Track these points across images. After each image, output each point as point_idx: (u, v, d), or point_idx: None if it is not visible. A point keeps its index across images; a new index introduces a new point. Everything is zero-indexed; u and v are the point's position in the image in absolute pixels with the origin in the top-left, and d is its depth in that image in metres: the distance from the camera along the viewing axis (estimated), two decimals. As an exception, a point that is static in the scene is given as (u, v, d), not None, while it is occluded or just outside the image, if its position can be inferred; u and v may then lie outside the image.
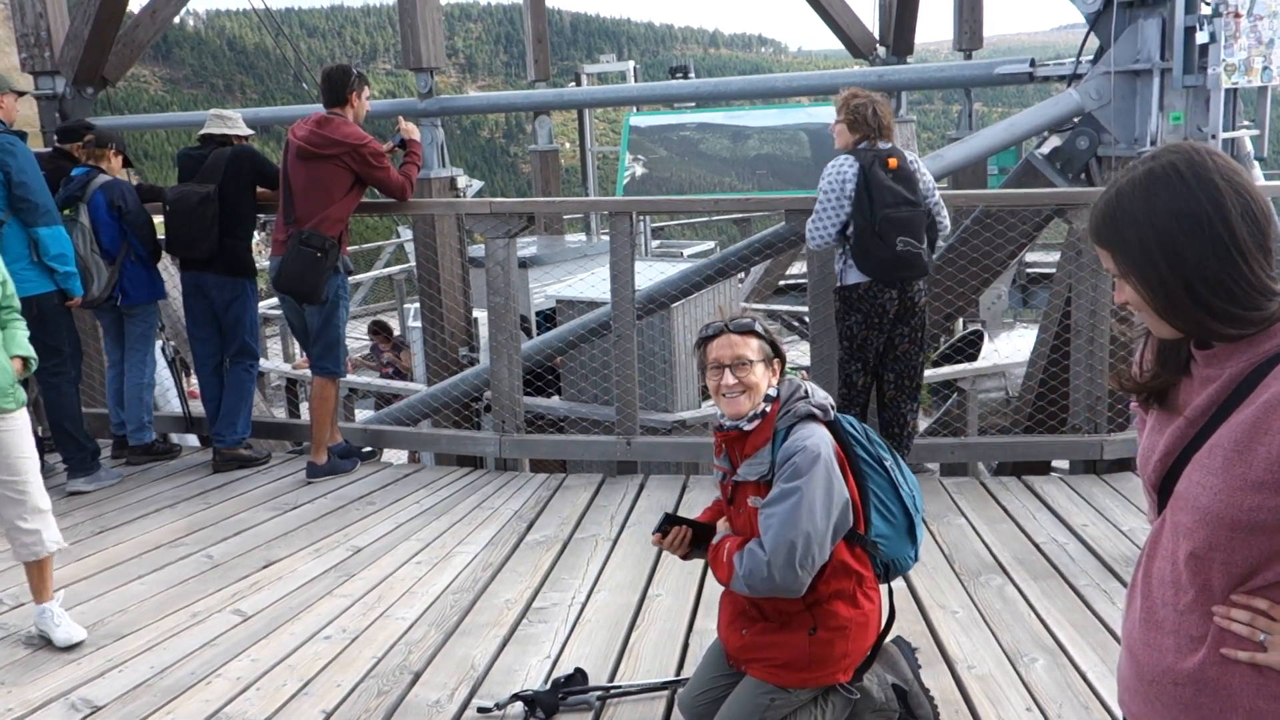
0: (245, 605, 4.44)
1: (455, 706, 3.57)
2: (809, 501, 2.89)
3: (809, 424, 3.03)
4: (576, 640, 4.05)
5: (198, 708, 3.61)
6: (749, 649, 3.14)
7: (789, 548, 2.88)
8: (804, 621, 3.04)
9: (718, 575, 3.12)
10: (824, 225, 5.17)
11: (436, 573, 4.74)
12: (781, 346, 3.17)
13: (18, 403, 4.04)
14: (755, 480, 3.04)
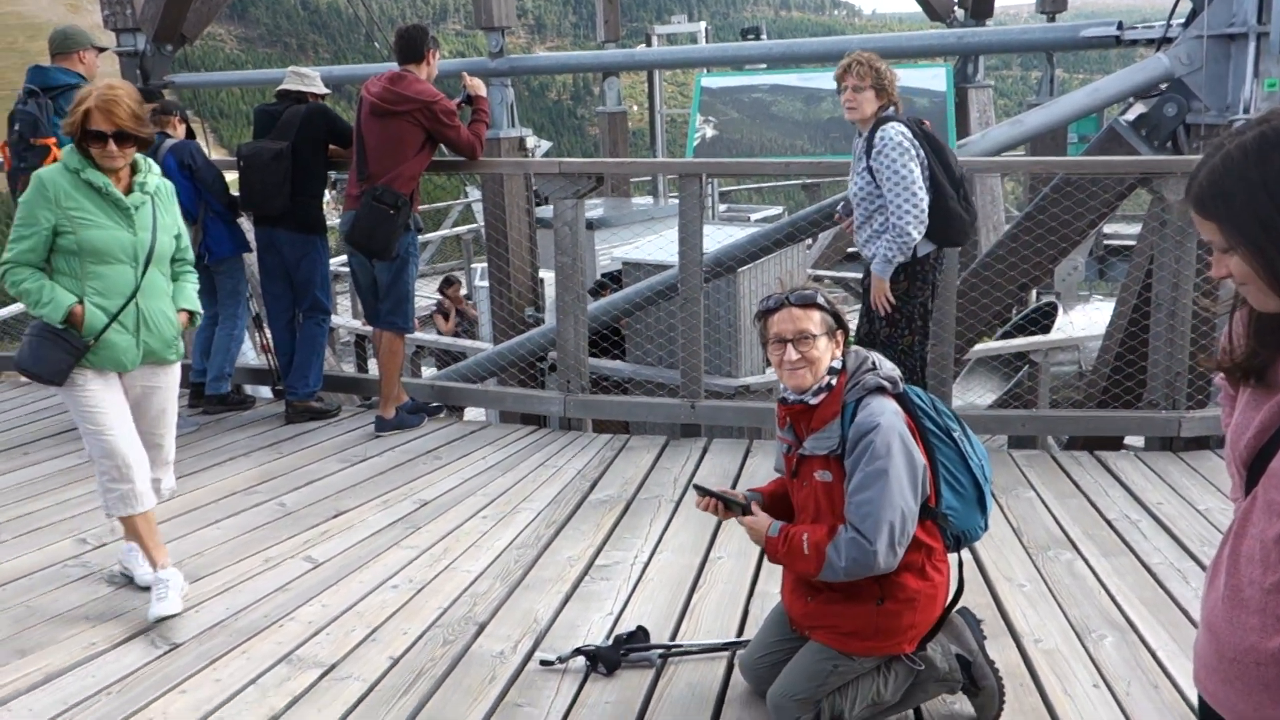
0: (316, 553, 4.53)
1: (518, 658, 3.62)
2: (897, 481, 2.88)
3: (878, 397, 3.00)
4: (638, 599, 4.07)
5: (270, 649, 3.70)
6: (814, 616, 3.14)
7: (889, 531, 2.88)
8: (871, 592, 3.03)
9: (800, 568, 3.06)
10: (922, 203, 4.71)
11: (501, 528, 4.79)
12: (844, 317, 3.13)
13: (178, 354, 4.12)
14: (824, 454, 3.02)
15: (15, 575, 4.36)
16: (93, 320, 3.84)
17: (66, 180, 3.84)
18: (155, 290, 4.00)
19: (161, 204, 4.03)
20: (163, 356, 4.05)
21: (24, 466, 5.74)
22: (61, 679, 3.53)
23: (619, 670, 3.51)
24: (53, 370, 3.85)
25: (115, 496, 3.97)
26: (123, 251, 3.88)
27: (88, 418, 3.92)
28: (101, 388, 3.93)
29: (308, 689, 3.45)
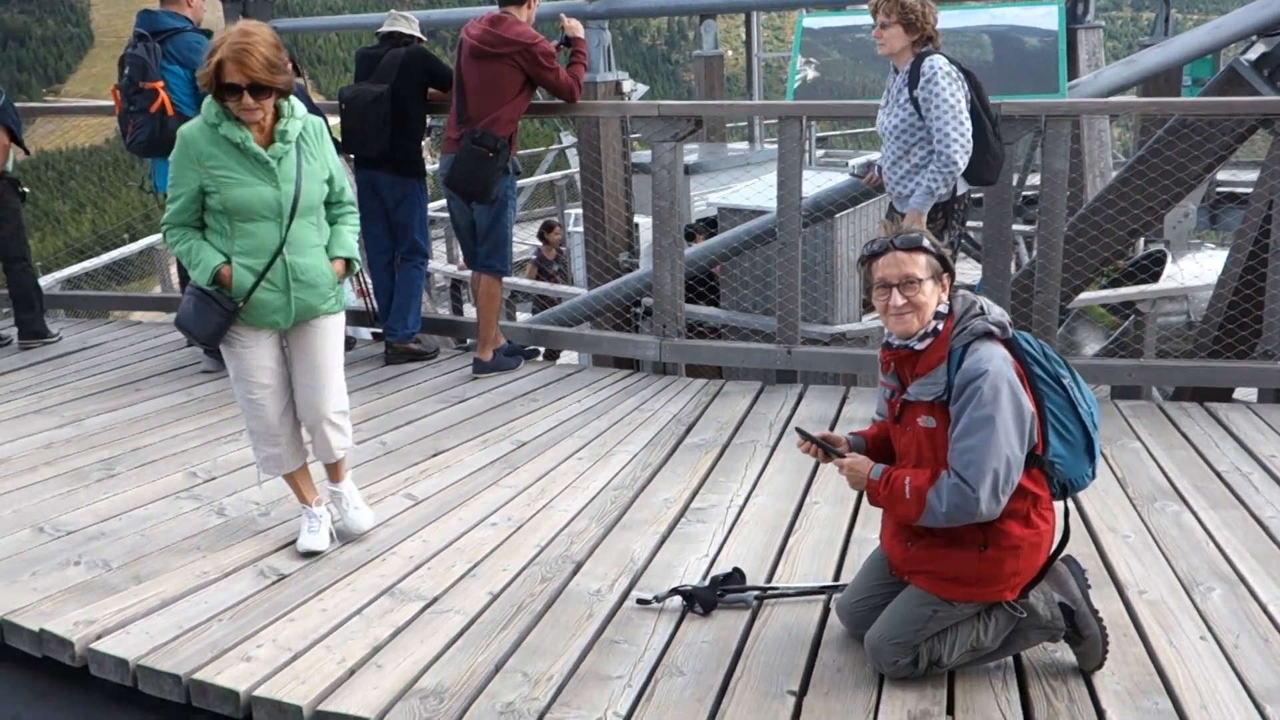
0: (416, 490, 4.63)
1: (615, 596, 3.66)
2: (1004, 428, 2.83)
3: (986, 343, 2.94)
4: (734, 541, 4.08)
5: (374, 581, 3.80)
6: (914, 561, 3.11)
7: (993, 478, 2.84)
8: (974, 538, 2.99)
9: (901, 512, 3.04)
10: (969, 133, 4.67)
11: (597, 469, 4.83)
12: (951, 260, 3.07)
13: (338, 305, 3.99)
14: (929, 400, 2.98)
15: (131, 506, 4.53)
16: (240, 280, 3.74)
17: (206, 136, 3.69)
18: (303, 244, 3.83)
19: (308, 148, 3.83)
20: (318, 310, 3.90)
21: (136, 403, 5.95)
22: (176, 605, 3.67)
23: (715, 611, 3.53)
24: (206, 333, 3.80)
25: (264, 458, 4.00)
26: (266, 208, 3.71)
27: (239, 377, 3.89)
28: (255, 347, 3.86)
29: (410, 620, 3.54)
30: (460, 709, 3.02)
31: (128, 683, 3.35)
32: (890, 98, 4.89)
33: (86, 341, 7.39)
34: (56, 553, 4.08)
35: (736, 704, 3.01)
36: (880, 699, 3.03)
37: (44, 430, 5.53)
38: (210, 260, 3.74)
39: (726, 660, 3.24)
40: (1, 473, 4.94)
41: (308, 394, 3.94)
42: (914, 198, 4.79)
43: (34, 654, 3.55)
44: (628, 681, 3.13)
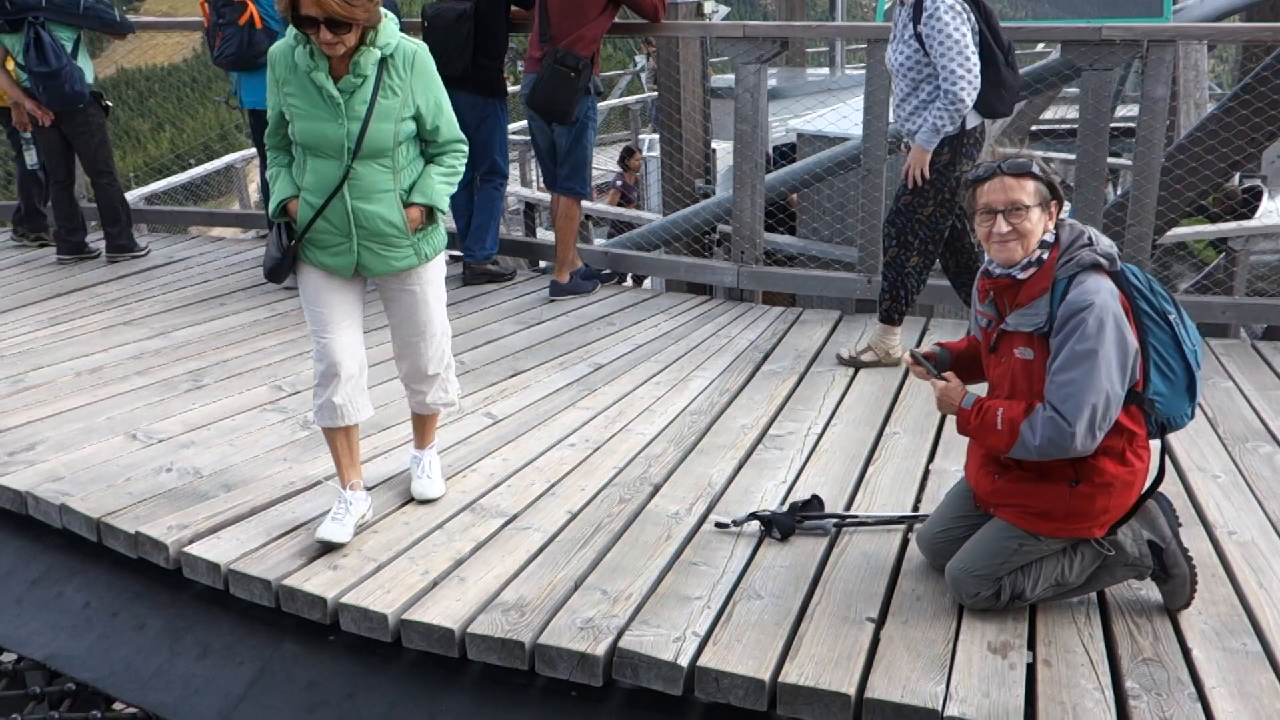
0: (495, 409, 4.67)
1: (693, 519, 3.67)
2: (1105, 363, 2.76)
3: (1093, 275, 2.85)
4: (812, 469, 4.07)
5: (456, 497, 3.85)
6: (1001, 494, 3.07)
7: (1090, 413, 2.78)
8: (1065, 473, 2.94)
9: (991, 443, 3.00)
10: (975, 68, 4.50)
11: (674, 394, 4.83)
12: (1060, 187, 2.96)
13: (420, 257, 3.55)
14: (1028, 331, 2.91)
15: (219, 417, 4.63)
16: (301, 217, 3.46)
17: (285, 60, 3.38)
18: (369, 188, 3.40)
19: (392, 81, 3.36)
20: (391, 267, 3.51)
21: (221, 316, 6.07)
22: (265, 513, 3.76)
23: (793, 537, 3.52)
24: (268, 268, 3.58)
25: (320, 404, 3.59)
26: (330, 145, 3.36)
27: (307, 313, 3.60)
28: (323, 283, 3.54)
29: (491, 536, 3.59)
30: (541, 623, 3.07)
31: (219, 586, 3.46)
32: (896, 33, 4.77)
33: (172, 256, 7.53)
34: (149, 459, 4.20)
35: (815, 629, 3.01)
36: (960, 629, 3.01)
37: (134, 341, 5.67)
38: (281, 192, 3.50)
39: (804, 586, 3.24)
40: (95, 381, 5.08)
41: (402, 348, 3.70)
42: (919, 134, 4.68)
43: (130, 555, 3.67)
44: (706, 602, 3.15)
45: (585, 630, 3.02)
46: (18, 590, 3.76)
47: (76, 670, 3.42)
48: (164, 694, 3.28)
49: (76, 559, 3.81)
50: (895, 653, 2.90)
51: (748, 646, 2.93)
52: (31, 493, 3.92)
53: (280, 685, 3.23)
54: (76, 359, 5.40)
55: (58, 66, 6.66)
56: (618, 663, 2.94)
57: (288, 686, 3.22)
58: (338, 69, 3.34)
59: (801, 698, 2.78)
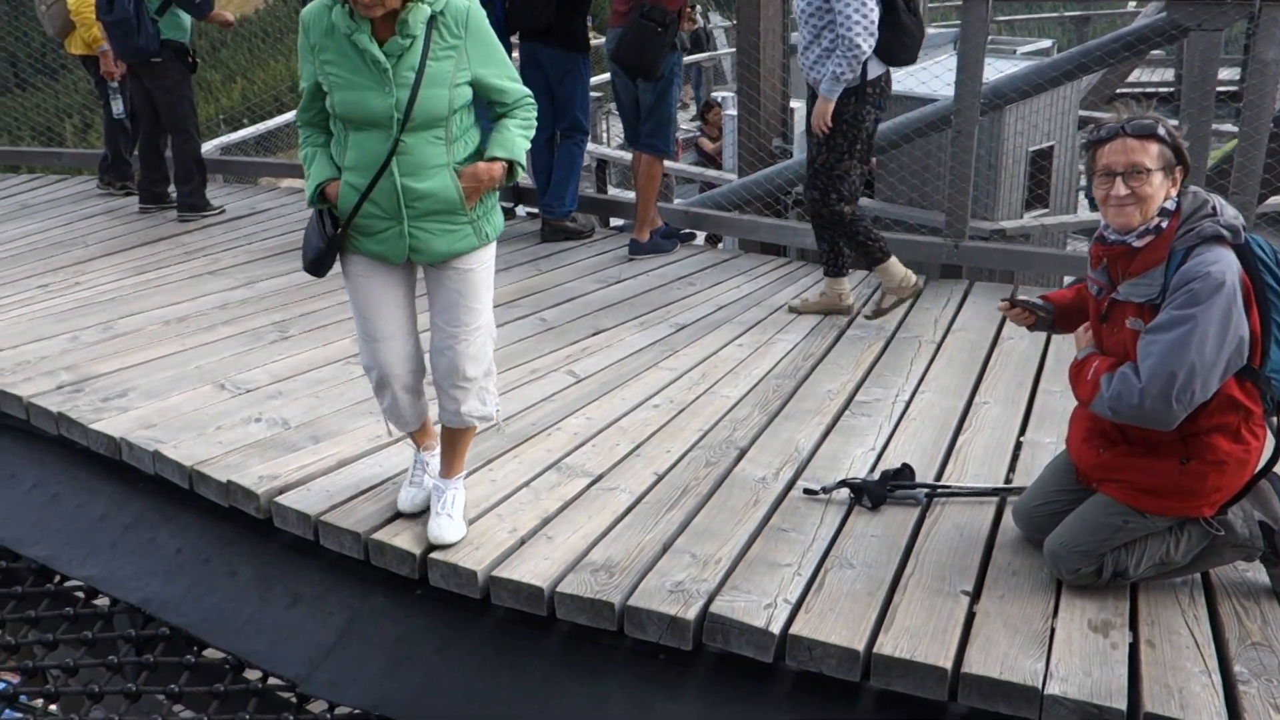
0: (578, 368, 4.65)
1: (780, 485, 3.63)
2: (1201, 333, 2.64)
3: (1214, 247, 2.71)
4: (900, 437, 3.99)
5: (540, 455, 3.84)
6: (1106, 469, 2.98)
7: (1168, 379, 2.66)
8: (1175, 450, 2.84)
9: (1078, 392, 2.96)
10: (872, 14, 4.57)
11: (758, 357, 4.77)
12: (1187, 153, 2.83)
13: (482, 237, 3.19)
14: (1140, 302, 2.80)
15: (305, 368, 4.66)
16: (343, 201, 3.08)
17: (321, 22, 3.02)
18: (420, 164, 3.04)
19: (443, 40, 3.00)
20: (444, 251, 3.13)
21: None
22: (353, 466, 3.78)
23: (884, 506, 3.46)
24: (309, 260, 3.21)
25: (384, 408, 3.38)
26: (374, 116, 2.98)
27: (354, 312, 3.27)
28: (373, 280, 3.19)
29: (577, 495, 3.58)
30: (630, 584, 3.05)
31: (309, 536, 3.49)
32: None
33: (254, 207, 7.59)
34: (238, 409, 4.24)
35: (909, 600, 2.96)
36: (1059, 606, 2.94)
37: (219, 291, 5.73)
38: (318, 173, 3.13)
39: (897, 556, 3.19)
40: (183, 330, 5.15)
41: (443, 342, 3.23)
42: (822, 85, 4.73)
43: (221, 504, 3.71)
44: (797, 570, 3.11)
45: (675, 594, 3.00)
46: (112, 535, 3.83)
47: (170, 615, 3.48)
48: (255, 642, 3.33)
49: (168, 505, 3.87)
50: (992, 627, 2.84)
51: (840, 616, 2.89)
52: (125, 439, 3.99)
53: (369, 638, 3.26)
54: (164, 308, 5.47)
55: (123, 16, 6.66)
56: (708, 628, 2.91)
57: (377, 639, 3.25)
58: (381, 30, 2.95)
59: (896, 670, 2.73)
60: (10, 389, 4.41)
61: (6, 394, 4.40)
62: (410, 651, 3.20)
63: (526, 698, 2.98)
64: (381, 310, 3.21)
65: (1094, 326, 3.00)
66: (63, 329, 5.13)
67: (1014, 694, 2.63)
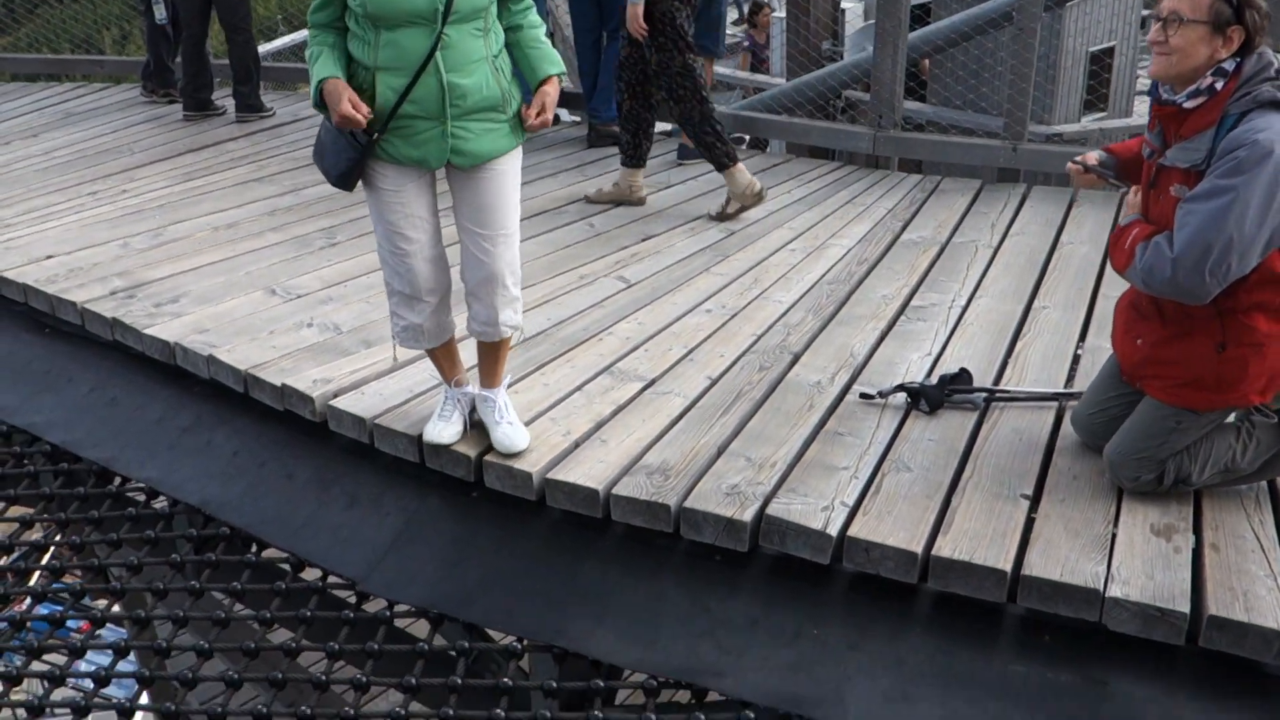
0: (628, 273, 4.60)
1: (836, 389, 3.59)
2: (1242, 204, 2.51)
3: (1268, 113, 2.56)
4: (957, 342, 3.93)
5: (592, 360, 3.82)
6: (1146, 364, 2.90)
7: (1203, 250, 2.56)
8: (1211, 332, 2.74)
9: (1114, 260, 2.88)
10: None
11: (811, 262, 4.70)
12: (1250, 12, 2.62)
13: (518, 137, 3.08)
14: (1185, 167, 2.68)
15: (354, 274, 4.65)
16: (381, 102, 2.91)
17: None
18: (464, 58, 2.91)
19: None
20: (486, 152, 3.01)
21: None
22: (406, 370, 3.77)
23: (941, 410, 3.42)
24: (335, 171, 3.05)
25: (402, 328, 3.22)
26: (413, 10, 2.84)
27: (380, 224, 3.11)
28: (403, 190, 3.04)
29: (631, 399, 3.56)
30: (686, 487, 3.04)
31: (364, 440, 3.50)
32: None
33: (297, 114, 7.53)
34: (289, 314, 4.25)
35: (967, 503, 2.93)
36: (1120, 510, 2.90)
37: (266, 198, 5.72)
38: (321, 70, 2.91)
39: (955, 460, 3.15)
40: (232, 236, 5.15)
41: (476, 250, 3.11)
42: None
43: (276, 407, 3.73)
44: (854, 473, 3.09)
45: (731, 496, 2.99)
46: (170, 437, 3.88)
47: (229, 516, 3.52)
48: (313, 542, 3.37)
49: (224, 409, 3.90)
50: (1053, 531, 2.81)
51: (898, 518, 2.86)
52: (179, 343, 4.01)
53: (426, 538, 3.29)
54: (212, 214, 5.47)
55: None
56: (765, 530, 2.91)
57: (433, 540, 3.28)
58: None
59: (955, 572, 2.71)
60: (65, 295, 4.44)
61: (61, 300, 4.43)
62: (466, 552, 3.23)
63: (582, 597, 3.00)
64: (413, 220, 3.07)
65: (1143, 192, 2.88)
66: (114, 235, 5.15)
67: (1075, 596, 2.61)
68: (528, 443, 3.26)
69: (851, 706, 2.61)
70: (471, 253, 3.13)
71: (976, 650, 2.68)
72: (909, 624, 2.77)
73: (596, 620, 2.93)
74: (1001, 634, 2.70)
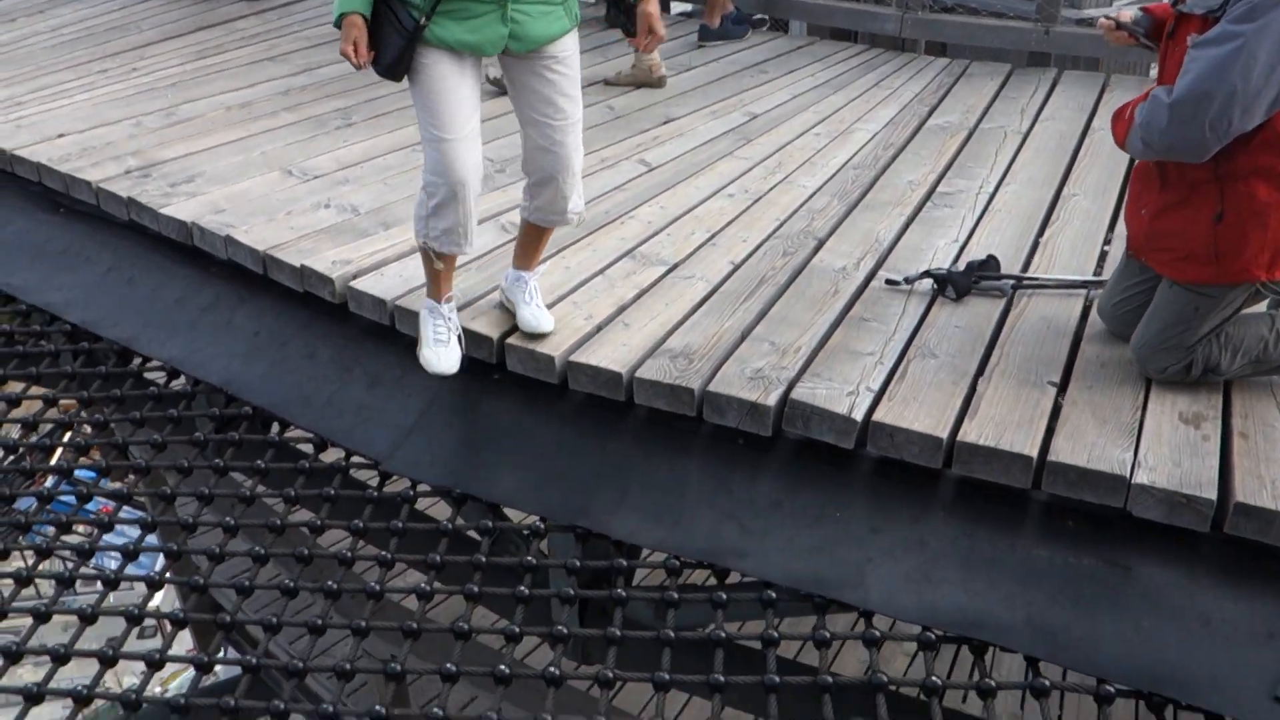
0: (649, 157, 4.52)
1: (861, 275, 3.54)
2: (1249, 53, 2.41)
3: None
4: (985, 229, 3.86)
5: (614, 244, 3.77)
6: (1150, 238, 2.86)
7: (1201, 99, 2.47)
8: (1208, 201, 2.67)
9: (1116, 134, 2.81)
10: None
11: (836, 146, 4.60)
12: None
13: (573, 18, 2.96)
14: (1201, 13, 2.57)
15: (370, 155, 4.59)
16: None
17: None
18: None
19: None
20: (548, 31, 2.88)
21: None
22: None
23: (968, 297, 3.38)
24: (388, 60, 2.84)
25: (442, 231, 2.99)
26: None
27: (428, 115, 2.88)
28: (451, 75, 2.86)
29: (653, 283, 3.52)
30: (709, 371, 3.02)
31: (385, 321, 3.48)
32: None
33: (309, -9, 7.35)
34: (306, 195, 4.20)
35: (994, 389, 2.90)
36: (1148, 398, 2.87)
37: (280, 77, 5.61)
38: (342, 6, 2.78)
39: (981, 346, 3.12)
40: (246, 116, 5.06)
41: (543, 140, 2.98)
42: None
43: (295, 288, 3.70)
44: (879, 359, 3.06)
45: (755, 380, 2.97)
46: (190, 317, 3.86)
47: (251, 395, 3.53)
48: (337, 421, 3.37)
49: (243, 289, 3.87)
50: (1080, 418, 2.78)
51: (924, 404, 2.84)
52: (196, 223, 3.97)
53: (448, 420, 3.29)
54: (225, 93, 5.37)
55: None
56: (789, 414, 2.89)
57: (456, 421, 3.28)
58: None
59: (980, 457, 2.70)
60: (79, 174, 4.39)
61: (75, 179, 4.38)
62: (489, 434, 3.23)
63: (605, 477, 3.01)
64: (461, 109, 2.87)
65: (1163, 44, 2.79)
66: (126, 114, 5.07)
67: (1100, 482, 2.59)
68: (553, 327, 3.22)
69: (873, 588, 2.63)
70: (538, 143, 2.99)
71: (999, 535, 2.68)
72: (932, 508, 2.77)
73: (619, 502, 2.94)
74: (1025, 519, 2.70)
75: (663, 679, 2.48)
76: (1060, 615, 2.50)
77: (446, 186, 2.91)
